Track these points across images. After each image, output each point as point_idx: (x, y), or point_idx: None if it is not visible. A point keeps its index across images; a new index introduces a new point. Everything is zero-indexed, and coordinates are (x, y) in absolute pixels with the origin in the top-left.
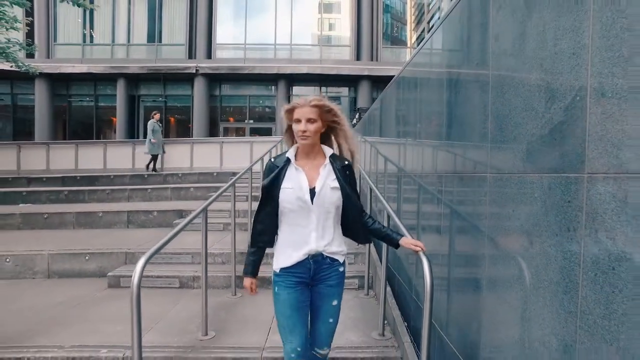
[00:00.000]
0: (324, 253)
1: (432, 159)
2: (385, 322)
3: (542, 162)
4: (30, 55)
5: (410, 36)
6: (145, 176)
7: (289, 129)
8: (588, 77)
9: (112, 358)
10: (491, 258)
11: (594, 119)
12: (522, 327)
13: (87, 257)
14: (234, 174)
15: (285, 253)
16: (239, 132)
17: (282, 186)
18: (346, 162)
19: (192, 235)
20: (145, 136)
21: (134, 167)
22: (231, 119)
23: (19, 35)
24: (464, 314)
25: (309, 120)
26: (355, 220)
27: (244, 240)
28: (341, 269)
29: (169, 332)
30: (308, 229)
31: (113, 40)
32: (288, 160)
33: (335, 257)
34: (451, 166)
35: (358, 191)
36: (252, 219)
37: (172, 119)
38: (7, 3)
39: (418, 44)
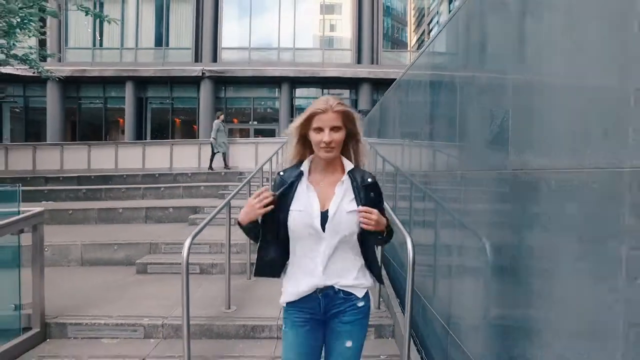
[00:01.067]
0: (335, 286)
1: (420, 158)
2: (381, 299)
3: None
4: (42, 58)
5: (410, 39)
6: (157, 176)
7: (301, 141)
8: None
9: (152, 324)
10: (458, 247)
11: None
12: (470, 296)
13: (115, 248)
14: (241, 173)
15: (291, 285)
16: (243, 133)
17: (290, 208)
18: (369, 180)
19: (208, 229)
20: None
21: (144, 167)
22: (235, 120)
23: (31, 41)
24: (442, 288)
25: (334, 129)
26: (373, 250)
27: None
28: (360, 304)
29: (198, 306)
30: (315, 260)
31: (122, 45)
32: (300, 174)
33: (351, 290)
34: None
35: (387, 215)
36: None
37: (177, 121)
38: (35, 12)
39: (418, 47)
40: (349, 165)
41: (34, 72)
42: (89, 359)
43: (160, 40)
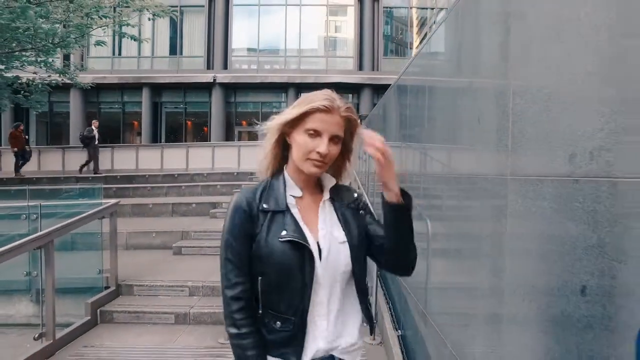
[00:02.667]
0: (335, 355)
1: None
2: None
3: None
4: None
5: (410, 47)
6: (176, 176)
7: (279, 141)
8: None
9: (194, 286)
10: (432, 240)
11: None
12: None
13: (154, 235)
14: (251, 173)
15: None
16: (252, 135)
17: (271, 239)
18: (355, 195)
19: (222, 222)
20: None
21: (162, 167)
22: (244, 123)
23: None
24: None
25: (333, 140)
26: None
27: None
28: None
29: None
30: (312, 314)
31: (139, 53)
32: (287, 206)
33: (348, 357)
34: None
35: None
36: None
37: (189, 123)
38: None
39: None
40: (330, 180)
41: (61, 81)
42: (153, 306)
43: (175, 49)
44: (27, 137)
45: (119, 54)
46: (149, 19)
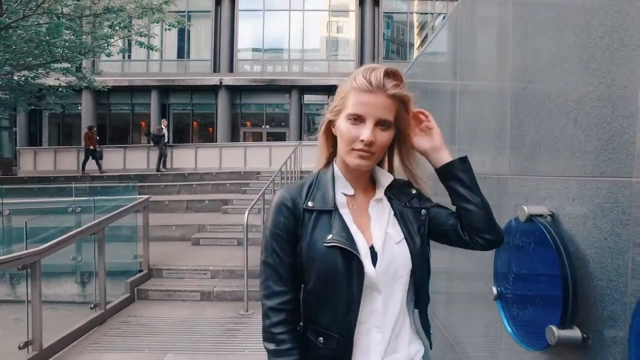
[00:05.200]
0: None
1: None
2: None
3: None
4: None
5: (410, 51)
6: (186, 174)
7: (328, 132)
8: None
9: (215, 270)
10: None
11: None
12: None
13: (173, 228)
14: (258, 173)
15: None
16: (256, 136)
17: (314, 243)
18: (414, 191)
19: (233, 217)
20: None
21: (172, 166)
22: (249, 124)
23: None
24: None
25: (380, 123)
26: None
27: None
28: None
29: (240, 263)
30: (365, 326)
31: (148, 57)
32: (335, 204)
33: None
34: None
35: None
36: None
37: (194, 123)
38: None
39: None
40: (385, 176)
41: (82, 85)
42: (181, 286)
43: (182, 52)
44: (97, 137)
45: (129, 57)
46: (165, 30)
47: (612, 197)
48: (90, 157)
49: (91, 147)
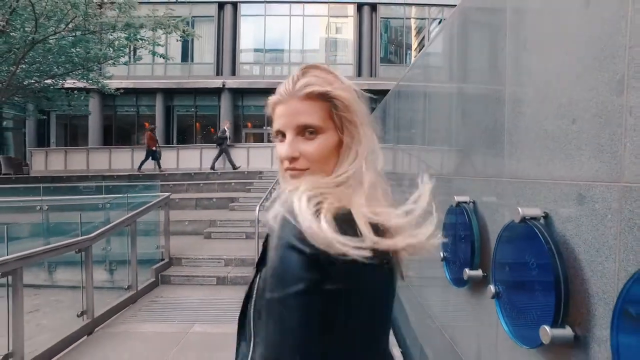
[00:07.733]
0: None
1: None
2: None
3: None
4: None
5: (405, 55)
6: (192, 174)
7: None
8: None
9: (228, 259)
10: None
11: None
12: None
13: (186, 223)
14: (260, 172)
15: None
16: (258, 137)
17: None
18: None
19: (241, 213)
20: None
21: (178, 167)
22: (250, 125)
23: None
24: None
25: (305, 130)
26: None
27: None
28: None
29: (250, 253)
30: None
31: (153, 60)
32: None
33: None
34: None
35: None
36: None
37: (198, 125)
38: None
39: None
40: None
41: (96, 88)
42: (199, 272)
43: (186, 56)
44: (157, 138)
45: (134, 60)
46: (177, 40)
47: (604, 200)
48: (150, 157)
49: (153, 147)
